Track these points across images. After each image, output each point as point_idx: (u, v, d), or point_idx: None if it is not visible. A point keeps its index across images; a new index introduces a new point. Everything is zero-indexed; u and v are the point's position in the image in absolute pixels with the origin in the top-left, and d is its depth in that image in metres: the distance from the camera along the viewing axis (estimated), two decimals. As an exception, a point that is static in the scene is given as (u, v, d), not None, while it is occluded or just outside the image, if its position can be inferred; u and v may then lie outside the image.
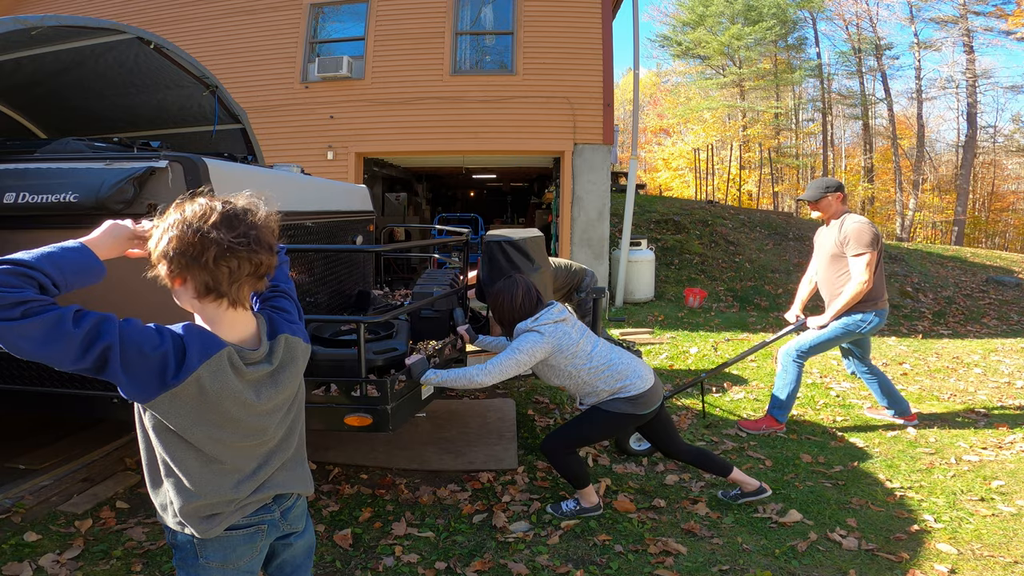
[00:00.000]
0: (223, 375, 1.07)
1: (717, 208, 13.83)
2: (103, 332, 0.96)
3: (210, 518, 1.15)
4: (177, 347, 1.03)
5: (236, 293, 1.08)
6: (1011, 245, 23.28)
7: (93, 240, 1.07)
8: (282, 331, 1.20)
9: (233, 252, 1.03)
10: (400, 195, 12.24)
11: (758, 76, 25.02)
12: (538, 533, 2.55)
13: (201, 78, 3.77)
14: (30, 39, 2.94)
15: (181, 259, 1.02)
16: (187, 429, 1.07)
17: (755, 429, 3.72)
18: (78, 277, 1.02)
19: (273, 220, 1.13)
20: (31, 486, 2.78)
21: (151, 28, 4.22)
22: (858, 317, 3.52)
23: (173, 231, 1.03)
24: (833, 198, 3.63)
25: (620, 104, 28.61)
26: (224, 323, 1.11)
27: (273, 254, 1.11)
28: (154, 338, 1.02)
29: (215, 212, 1.04)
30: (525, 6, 8.63)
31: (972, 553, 2.35)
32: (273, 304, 1.26)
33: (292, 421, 1.26)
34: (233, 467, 1.15)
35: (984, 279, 10.59)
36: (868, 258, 3.39)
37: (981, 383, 4.80)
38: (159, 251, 1.04)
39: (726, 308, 8.23)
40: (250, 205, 1.10)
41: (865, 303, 3.50)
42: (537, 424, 3.85)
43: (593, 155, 8.46)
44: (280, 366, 1.18)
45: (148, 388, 1.02)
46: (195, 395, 1.04)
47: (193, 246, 1.01)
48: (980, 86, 21.76)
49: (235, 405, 1.09)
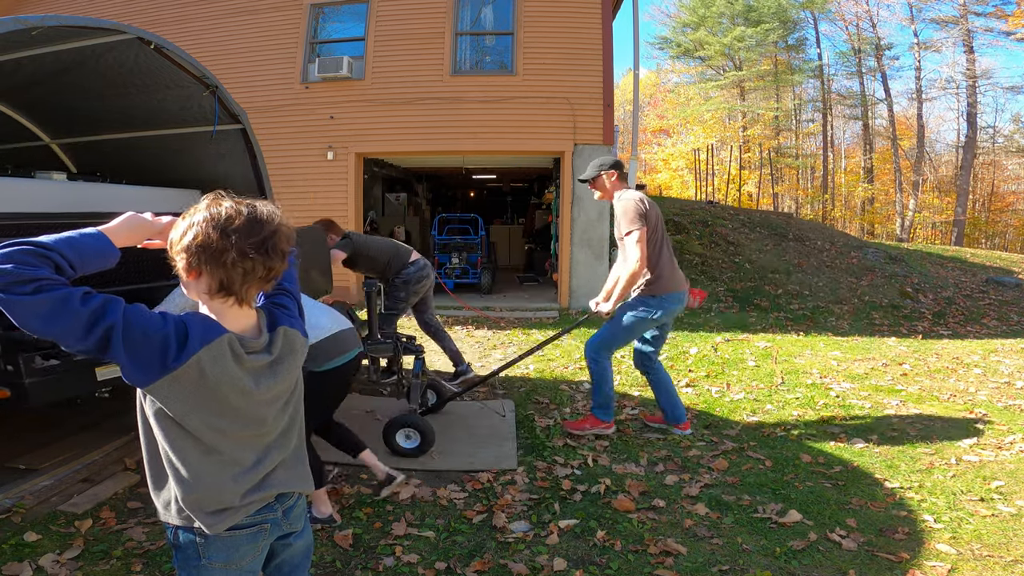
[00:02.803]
0: (223, 360, 1.10)
1: (717, 208, 13.84)
2: (108, 312, 1.00)
3: (217, 513, 1.15)
4: (179, 330, 1.07)
5: (245, 293, 1.13)
6: (1011, 245, 23.28)
7: (111, 228, 1.13)
8: (281, 323, 1.24)
9: (250, 256, 1.08)
10: (400, 195, 12.26)
11: (758, 77, 25.03)
12: (538, 533, 2.55)
13: (201, 78, 3.77)
14: (30, 39, 2.94)
15: (202, 255, 1.08)
16: (186, 416, 1.10)
17: (579, 429, 3.58)
18: (94, 261, 1.08)
19: (290, 229, 1.18)
20: (31, 486, 2.78)
21: (152, 28, 4.22)
22: (643, 302, 3.33)
23: (199, 227, 1.08)
24: (607, 176, 3.46)
25: (620, 104, 28.57)
26: (228, 316, 1.15)
27: (285, 261, 1.17)
28: (157, 321, 1.06)
29: (241, 216, 1.10)
30: (525, 6, 8.63)
31: (972, 553, 2.35)
32: (275, 301, 1.30)
33: (291, 415, 1.28)
34: (231, 459, 1.16)
35: (984, 279, 10.60)
36: (638, 235, 3.18)
37: (981, 383, 4.80)
38: (182, 244, 1.10)
39: (726, 308, 8.23)
40: (271, 213, 1.15)
41: (650, 286, 3.30)
42: (537, 424, 3.85)
43: (593, 155, 8.44)
44: (279, 357, 1.21)
45: (149, 370, 1.05)
46: (195, 379, 1.07)
47: (215, 245, 1.07)
48: (980, 86, 21.79)
49: (233, 392, 1.12)
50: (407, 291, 4.49)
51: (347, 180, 8.68)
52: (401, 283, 4.47)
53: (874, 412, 4.06)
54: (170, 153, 4.53)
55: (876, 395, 4.45)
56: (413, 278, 4.49)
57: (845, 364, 5.35)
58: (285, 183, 8.19)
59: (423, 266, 4.57)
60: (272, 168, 4.99)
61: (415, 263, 4.54)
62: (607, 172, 3.47)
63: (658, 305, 3.34)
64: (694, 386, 4.71)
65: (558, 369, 5.24)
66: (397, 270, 4.49)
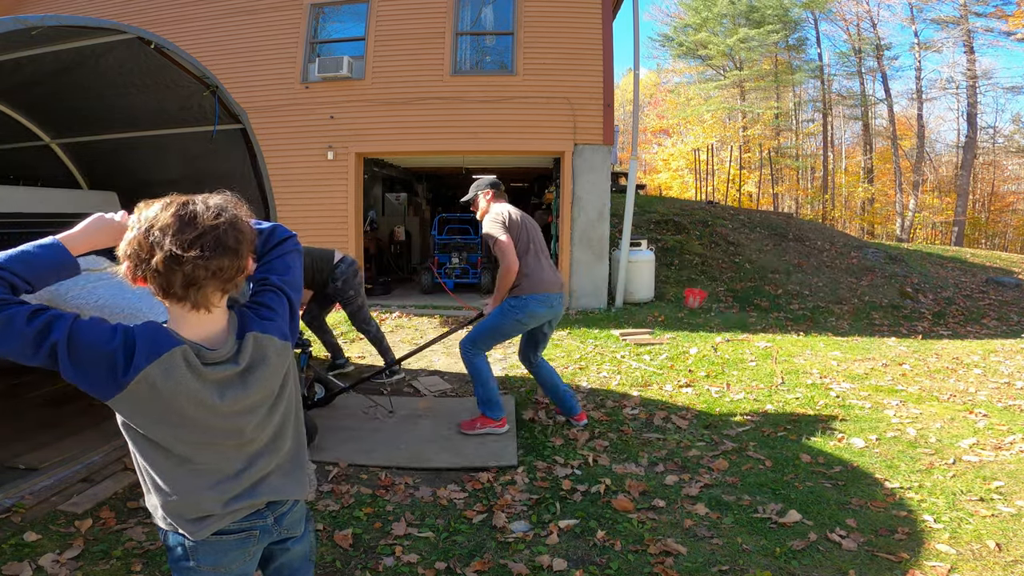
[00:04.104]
0: (176, 373, 1.04)
1: (717, 208, 13.83)
2: (52, 329, 0.98)
3: (197, 520, 1.13)
4: (128, 345, 1.02)
5: (197, 296, 1.04)
6: (1011, 246, 23.29)
7: (70, 235, 1.09)
8: (251, 329, 1.15)
9: (182, 258, 0.99)
10: (400, 195, 12.25)
11: (758, 77, 25.04)
12: (538, 533, 2.55)
13: (201, 78, 3.77)
14: (30, 39, 2.94)
15: (136, 260, 1.02)
16: (148, 428, 1.07)
17: (471, 430, 3.62)
18: (49, 274, 1.05)
19: (243, 221, 1.10)
20: (31, 486, 2.78)
21: (151, 28, 4.22)
22: (513, 302, 3.48)
23: (133, 232, 1.03)
24: (483, 196, 3.70)
25: (620, 104, 28.60)
26: (187, 323, 1.09)
27: (239, 256, 1.07)
28: (106, 335, 1.02)
29: (168, 215, 1.02)
30: (525, 6, 8.63)
31: (972, 553, 2.35)
32: (257, 300, 1.21)
33: (280, 422, 1.22)
34: (207, 467, 1.13)
35: (984, 280, 10.60)
36: (502, 243, 3.40)
37: (981, 384, 4.80)
38: (120, 250, 1.06)
39: (726, 308, 8.23)
40: (209, 207, 1.05)
41: (513, 289, 3.47)
42: (537, 424, 3.85)
43: (593, 155, 8.46)
44: (249, 366, 1.13)
45: (102, 386, 1.02)
46: (147, 394, 1.03)
47: (143, 249, 1.01)
48: (980, 87, 21.78)
49: (191, 405, 1.07)
50: (351, 285, 4.60)
51: (347, 180, 8.67)
52: (343, 283, 4.57)
53: (874, 412, 4.06)
54: (170, 153, 4.53)
55: (876, 395, 4.45)
56: (349, 272, 4.61)
57: (845, 364, 5.35)
58: (285, 183, 8.19)
59: (351, 261, 4.69)
60: (272, 168, 5.00)
61: (343, 259, 4.66)
62: (483, 192, 3.72)
63: (521, 306, 3.47)
64: (694, 386, 4.71)
65: (558, 369, 5.23)
66: (329, 273, 4.59)
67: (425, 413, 4.06)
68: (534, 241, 3.58)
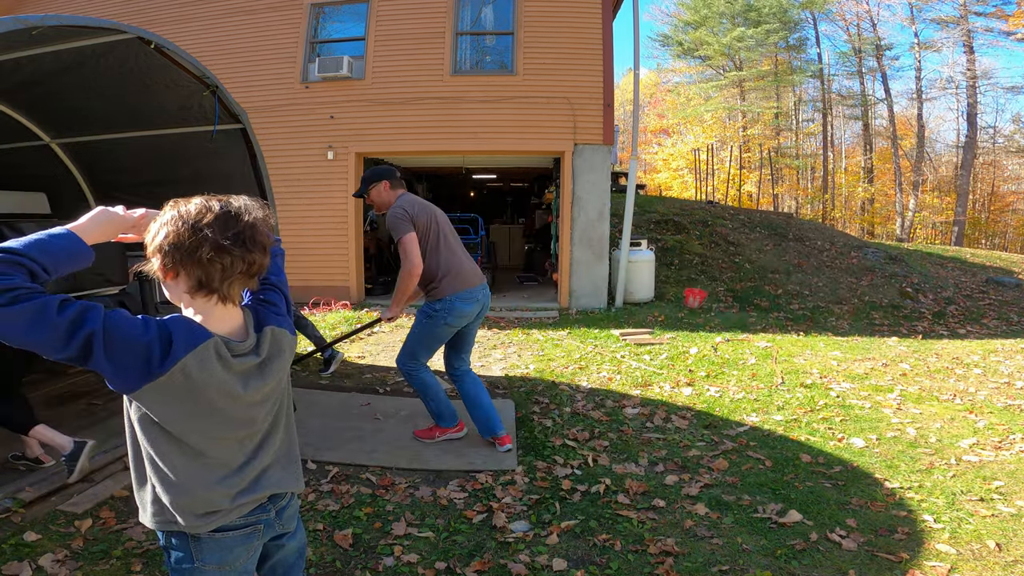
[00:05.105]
0: (209, 365, 1.07)
1: (717, 208, 13.83)
2: (87, 319, 0.96)
3: (206, 515, 1.14)
4: (163, 336, 1.04)
5: (227, 290, 1.10)
6: (1011, 245, 23.28)
7: (80, 226, 1.08)
8: (269, 323, 1.22)
9: (227, 250, 1.05)
10: (400, 195, 12.22)
11: (758, 77, 25.03)
12: (538, 533, 2.55)
13: (201, 78, 3.77)
14: (30, 39, 2.94)
15: (176, 254, 1.05)
16: (171, 420, 1.08)
17: (429, 438, 3.50)
18: (67, 262, 1.04)
19: (269, 221, 1.16)
20: (31, 485, 2.78)
21: (151, 28, 4.22)
22: (429, 307, 3.25)
23: (169, 227, 1.06)
24: (378, 189, 3.31)
25: (620, 104, 28.60)
26: (213, 317, 1.13)
27: (266, 254, 1.13)
28: (139, 327, 1.03)
29: (211, 211, 1.07)
30: (525, 6, 8.63)
31: (972, 553, 2.35)
32: (261, 298, 1.28)
33: (277, 412, 1.26)
34: (218, 461, 1.15)
35: (984, 279, 10.60)
36: (407, 240, 3.11)
37: (981, 383, 4.80)
38: (155, 245, 1.07)
39: (726, 308, 8.23)
40: (246, 206, 1.12)
41: (442, 289, 3.20)
42: (536, 424, 3.85)
43: (593, 155, 8.46)
44: (268, 358, 1.19)
45: (133, 377, 1.02)
46: (181, 384, 1.05)
47: (189, 242, 1.04)
48: (980, 87, 21.79)
49: (220, 395, 1.10)
50: None
51: (347, 180, 8.66)
52: None
53: (874, 412, 4.06)
54: (170, 153, 4.53)
55: (876, 395, 4.45)
56: None
57: (845, 364, 5.35)
58: (285, 183, 8.19)
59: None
60: (272, 168, 4.99)
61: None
62: (374, 185, 3.32)
63: (447, 309, 3.21)
64: (694, 386, 4.72)
65: (558, 369, 5.24)
66: None
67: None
68: (444, 234, 3.29)
